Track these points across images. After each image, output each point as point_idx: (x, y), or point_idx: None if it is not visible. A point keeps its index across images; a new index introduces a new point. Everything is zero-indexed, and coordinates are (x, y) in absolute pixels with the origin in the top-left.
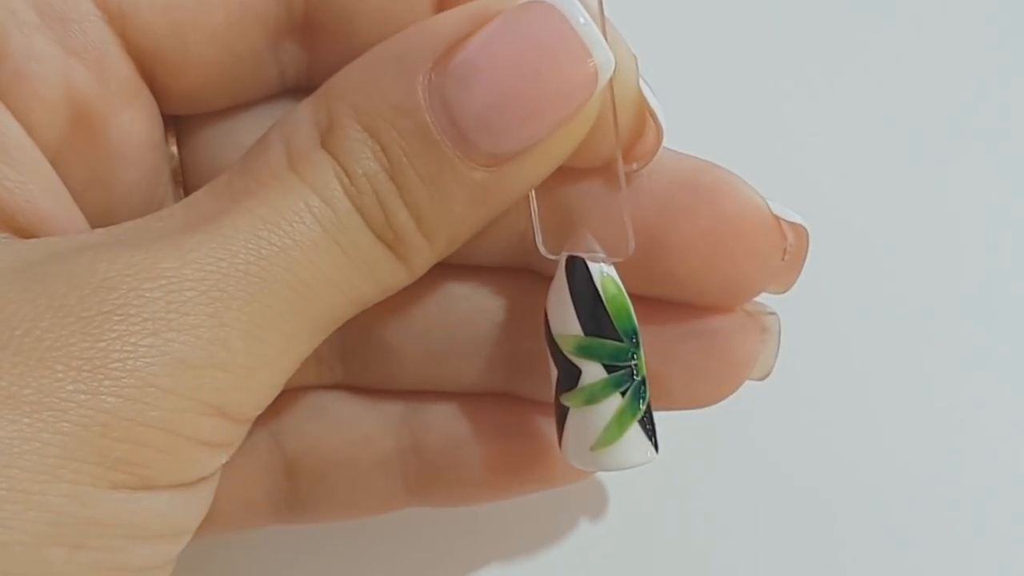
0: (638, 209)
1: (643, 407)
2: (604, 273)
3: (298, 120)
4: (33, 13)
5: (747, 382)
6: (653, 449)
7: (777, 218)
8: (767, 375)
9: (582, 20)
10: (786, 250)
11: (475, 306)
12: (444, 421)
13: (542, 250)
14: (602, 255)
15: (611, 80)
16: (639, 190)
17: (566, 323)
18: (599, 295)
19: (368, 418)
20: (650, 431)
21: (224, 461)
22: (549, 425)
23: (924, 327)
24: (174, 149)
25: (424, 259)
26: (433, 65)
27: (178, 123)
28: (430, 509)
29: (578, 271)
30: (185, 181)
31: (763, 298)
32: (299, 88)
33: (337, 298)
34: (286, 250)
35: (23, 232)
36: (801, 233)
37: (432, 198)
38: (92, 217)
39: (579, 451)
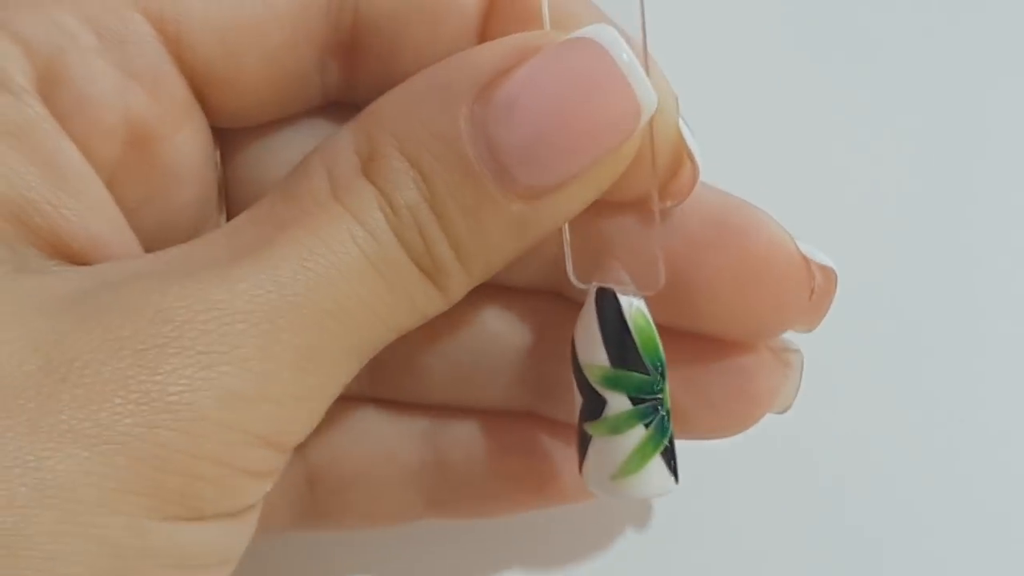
0: (668, 243)
1: (666, 440)
2: (634, 306)
3: (340, 147)
4: (93, 36)
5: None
6: (673, 480)
7: (805, 258)
8: (787, 409)
9: (625, 57)
10: (813, 290)
11: (503, 327)
12: (467, 438)
13: (573, 279)
14: (632, 288)
15: (652, 118)
16: (671, 223)
17: (594, 353)
18: (628, 327)
19: (392, 432)
20: (671, 462)
21: (268, 489)
22: (570, 445)
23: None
24: (218, 161)
25: (460, 287)
26: (476, 97)
27: (222, 136)
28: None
29: (608, 303)
30: (228, 194)
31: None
32: (339, 102)
33: (378, 326)
34: (332, 281)
35: (77, 258)
36: (829, 275)
37: (471, 229)
38: (145, 235)
39: (599, 478)
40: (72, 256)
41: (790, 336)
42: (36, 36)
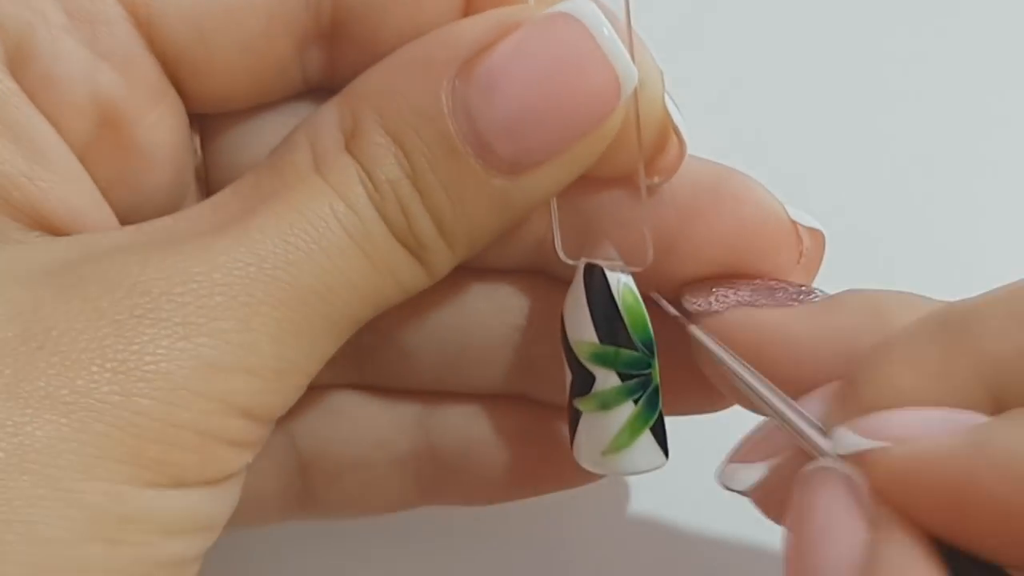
0: (660, 213)
1: (655, 415)
2: (622, 283)
3: (323, 122)
4: (62, 15)
5: None
6: (663, 456)
7: (794, 222)
8: None
9: (606, 32)
10: (802, 253)
11: (491, 309)
12: (459, 423)
13: (561, 255)
14: (621, 264)
15: (635, 93)
16: (661, 196)
17: (582, 330)
18: (616, 304)
19: (384, 419)
20: (661, 438)
21: (250, 459)
22: (563, 428)
23: None
24: (197, 147)
25: (444, 264)
26: (457, 72)
27: (201, 121)
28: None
29: (596, 279)
30: (208, 179)
31: None
32: (321, 88)
33: (359, 301)
34: (312, 255)
35: (56, 231)
36: (818, 237)
37: (453, 205)
38: (118, 215)
39: (591, 454)
40: (51, 229)
41: None
42: (6, 14)
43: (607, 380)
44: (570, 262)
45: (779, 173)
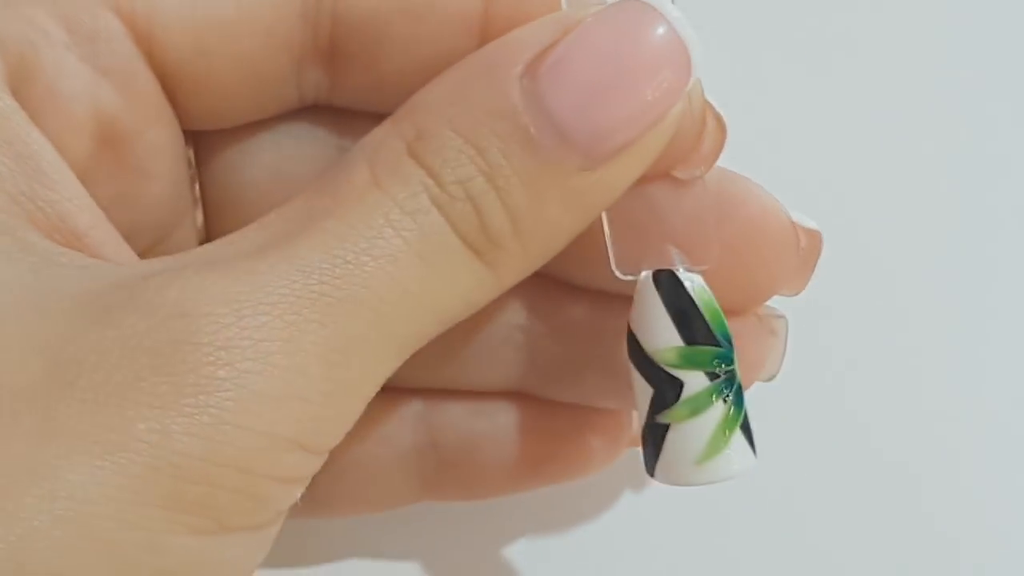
0: (651, 234)
1: (743, 411)
2: (695, 282)
3: (380, 136)
4: (63, 32)
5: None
6: (753, 455)
7: (794, 223)
8: (774, 377)
9: (673, 10)
10: (800, 253)
11: (492, 306)
12: (462, 420)
13: (617, 273)
14: (686, 265)
15: None
16: (652, 216)
17: (662, 337)
18: (695, 304)
19: (386, 416)
20: (750, 436)
21: (299, 496)
22: (564, 424)
23: (928, 326)
24: (191, 161)
25: (515, 268)
26: (524, 71)
27: (196, 138)
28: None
29: (670, 284)
30: (204, 196)
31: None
32: (319, 106)
33: (421, 314)
34: (362, 266)
35: None
36: (815, 237)
37: (530, 200)
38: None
39: (683, 467)
40: None
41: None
42: (7, 31)
43: (696, 383)
44: (627, 277)
45: (774, 173)
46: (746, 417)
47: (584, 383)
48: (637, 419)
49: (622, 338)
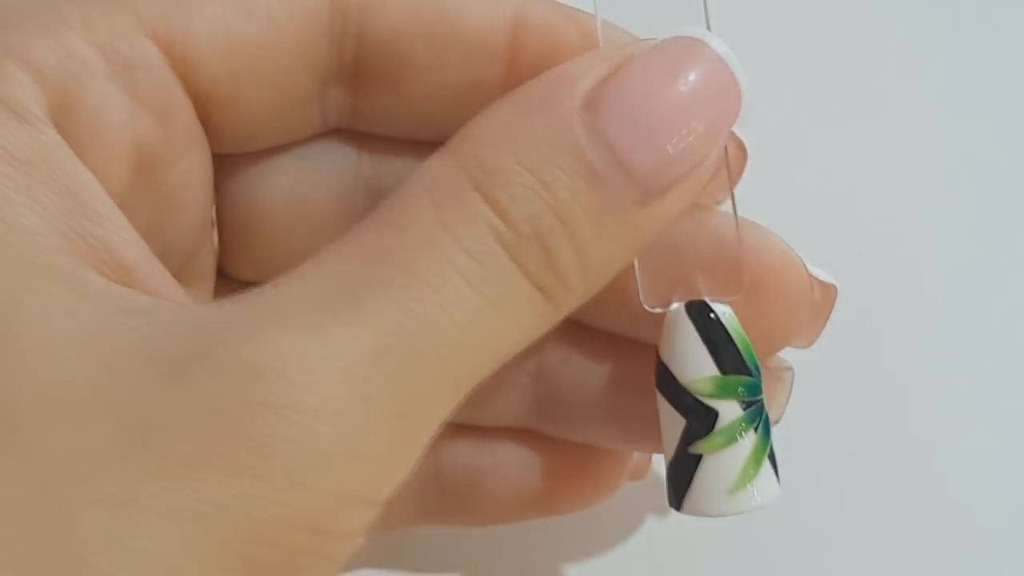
0: (680, 266)
1: (770, 441)
2: (727, 312)
3: (441, 168)
4: (102, 61)
5: None
6: (778, 486)
7: (811, 276)
8: (777, 421)
9: (724, 48)
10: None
11: None
12: (466, 454)
13: (647, 307)
14: (718, 296)
15: None
16: (680, 248)
17: (698, 368)
18: (729, 333)
19: None
20: (775, 466)
21: (362, 543)
22: (566, 461)
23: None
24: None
25: (572, 302)
26: (583, 104)
27: (217, 161)
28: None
29: (703, 315)
30: (220, 219)
31: None
32: (338, 131)
33: (484, 356)
34: (430, 317)
35: None
36: (830, 291)
37: (595, 236)
38: None
39: (715, 497)
40: None
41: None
42: (49, 64)
43: (731, 412)
44: (656, 311)
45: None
46: (772, 447)
47: (589, 425)
48: (637, 456)
49: (630, 379)
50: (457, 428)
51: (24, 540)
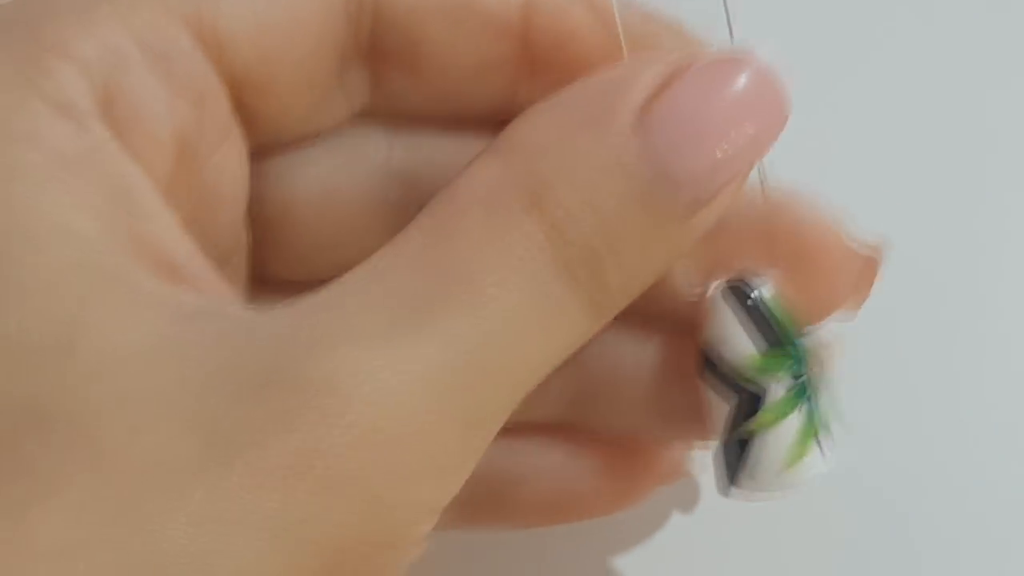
0: (716, 247)
1: (821, 414)
2: (768, 289)
3: (492, 180)
4: (139, 51)
5: None
6: (831, 456)
7: (854, 241)
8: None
9: (766, 59)
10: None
11: None
12: (497, 457)
13: (685, 290)
14: (755, 272)
15: None
16: (716, 229)
17: (743, 347)
18: (771, 310)
19: None
20: (828, 435)
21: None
22: (603, 460)
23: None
24: None
25: (616, 310)
26: (637, 118)
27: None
28: None
29: (743, 295)
30: (252, 212)
31: None
32: (366, 119)
33: (539, 369)
34: (493, 336)
35: None
36: (876, 253)
37: (643, 254)
38: None
39: (767, 476)
40: None
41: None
42: (91, 57)
43: (779, 389)
44: (695, 296)
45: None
46: (825, 418)
47: (631, 413)
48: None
49: (672, 364)
50: None
51: (109, 558)
